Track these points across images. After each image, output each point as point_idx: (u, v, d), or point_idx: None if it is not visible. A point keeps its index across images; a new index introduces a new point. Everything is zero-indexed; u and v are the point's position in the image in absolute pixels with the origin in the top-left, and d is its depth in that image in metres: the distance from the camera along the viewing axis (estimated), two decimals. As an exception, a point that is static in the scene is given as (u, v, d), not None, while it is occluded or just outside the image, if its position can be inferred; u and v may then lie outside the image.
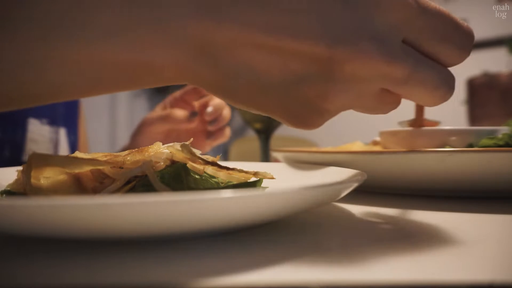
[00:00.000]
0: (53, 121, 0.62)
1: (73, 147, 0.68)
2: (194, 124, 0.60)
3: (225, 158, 2.27)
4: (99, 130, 2.37)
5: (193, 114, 0.58)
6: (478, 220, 0.26)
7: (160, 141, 0.28)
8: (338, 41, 0.21)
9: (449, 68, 0.25)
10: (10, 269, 0.17)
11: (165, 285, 0.15)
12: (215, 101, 0.60)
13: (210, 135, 0.63)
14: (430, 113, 0.40)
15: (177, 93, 0.64)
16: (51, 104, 0.61)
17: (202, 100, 0.62)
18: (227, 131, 0.64)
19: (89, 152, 0.73)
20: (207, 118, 0.60)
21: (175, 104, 0.64)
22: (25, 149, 0.57)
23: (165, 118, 0.59)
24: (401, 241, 0.21)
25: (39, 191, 0.23)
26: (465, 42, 0.24)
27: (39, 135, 0.59)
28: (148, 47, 0.21)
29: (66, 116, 0.66)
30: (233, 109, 0.63)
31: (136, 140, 0.62)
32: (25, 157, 0.57)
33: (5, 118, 0.54)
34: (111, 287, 0.15)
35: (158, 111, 0.65)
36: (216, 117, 0.61)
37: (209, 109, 0.59)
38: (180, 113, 0.59)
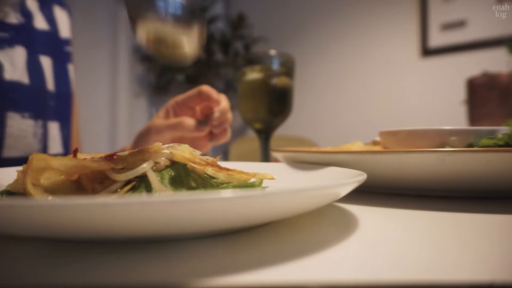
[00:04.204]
0: (38, 115, 0.60)
1: (66, 142, 0.68)
2: (205, 133, 0.60)
3: (225, 158, 2.27)
4: (99, 130, 2.37)
5: (201, 123, 0.58)
6: (478, 220, 0.26)
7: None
8: None
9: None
10: (11, 269, 0.17)
11: (165, 285, 0.15)
12: (221, 106, 0.60)
13: (213, 137, 0.63)
14: (430, 114, 0.40)
15: (179, 98, 0.63)
16: (34, 97, 0.61)
17: (205, 105, 0.62)
18: (229, 132, 0.65)
19: (82, 148, 0.72)
20: (215, 122, 0.60)
21: (177, 109, 0.63)
22: (4, 144, 0.56)
23: (175, 127, 0.58)
24: (401, 241, 0.21)
25: (39, 191, 0.23)
26: None
27: (19, 129, 0.58)
28: None
29: (57, 110, 0.65)
30: (233, 109, 0.63)
31: (140, 146, 0.62)
32: (5, 152, 0.56)
33: None
34: (111, 287, 0.15)
35: (161, 116, 0.64)
36: (222, 121, 0.61)
37: (216, 114, 0.59)
38: (190, 121, 0.58)
